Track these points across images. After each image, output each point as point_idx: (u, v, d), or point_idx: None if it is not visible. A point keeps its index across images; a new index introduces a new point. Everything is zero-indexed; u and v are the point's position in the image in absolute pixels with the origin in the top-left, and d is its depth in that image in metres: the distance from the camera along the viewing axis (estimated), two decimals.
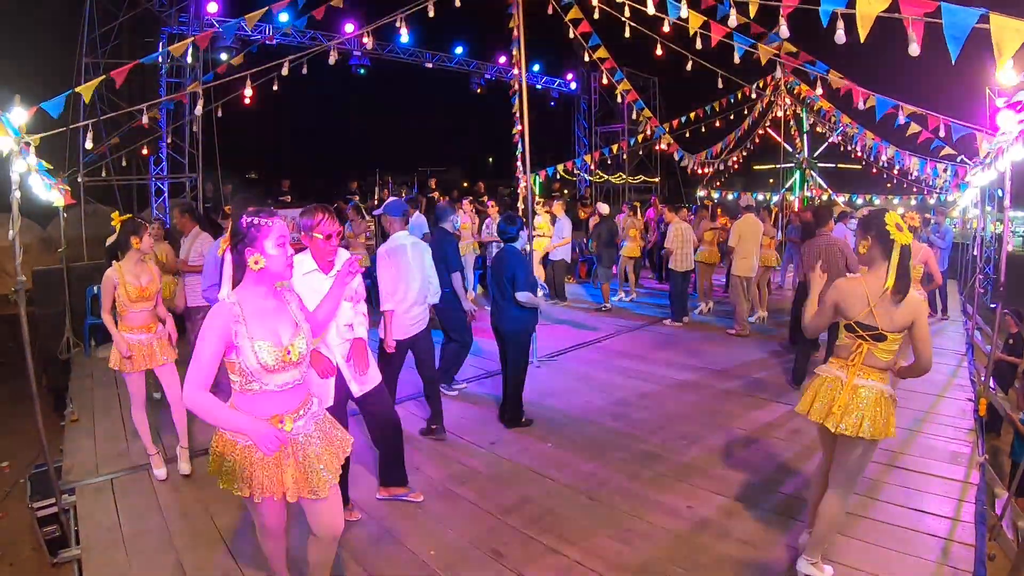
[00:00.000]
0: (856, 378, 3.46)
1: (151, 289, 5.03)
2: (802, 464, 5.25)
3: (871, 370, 3.47)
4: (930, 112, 7.07)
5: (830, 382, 3.56)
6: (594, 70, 17.63)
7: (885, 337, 3.40)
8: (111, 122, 10.34)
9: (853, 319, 3.46)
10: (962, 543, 4.00)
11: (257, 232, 2.77)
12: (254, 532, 4.22)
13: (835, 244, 6.92)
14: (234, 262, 2.81)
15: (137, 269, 4.99)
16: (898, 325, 3.38)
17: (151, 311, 5.11)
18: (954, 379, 7.55)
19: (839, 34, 4.83)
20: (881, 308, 3.38)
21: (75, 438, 6.04)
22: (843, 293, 3.52)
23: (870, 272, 3.49)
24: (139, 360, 4.98)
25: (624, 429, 6.03)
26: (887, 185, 22.61)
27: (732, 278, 9.76)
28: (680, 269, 10.41)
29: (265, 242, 2.77)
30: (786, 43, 7.34)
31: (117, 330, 4.94)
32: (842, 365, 3.55)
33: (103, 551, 4.11)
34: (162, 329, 5.19)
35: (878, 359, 3.45)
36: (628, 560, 3.91)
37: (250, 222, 2.78)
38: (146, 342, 5.03)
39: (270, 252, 2.77)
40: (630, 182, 23.28)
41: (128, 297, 4.91)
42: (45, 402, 6.55)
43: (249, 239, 2.76)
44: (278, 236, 2.80)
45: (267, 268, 2.78)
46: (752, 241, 9.58)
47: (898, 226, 3.35)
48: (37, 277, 9.39)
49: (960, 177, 10.45)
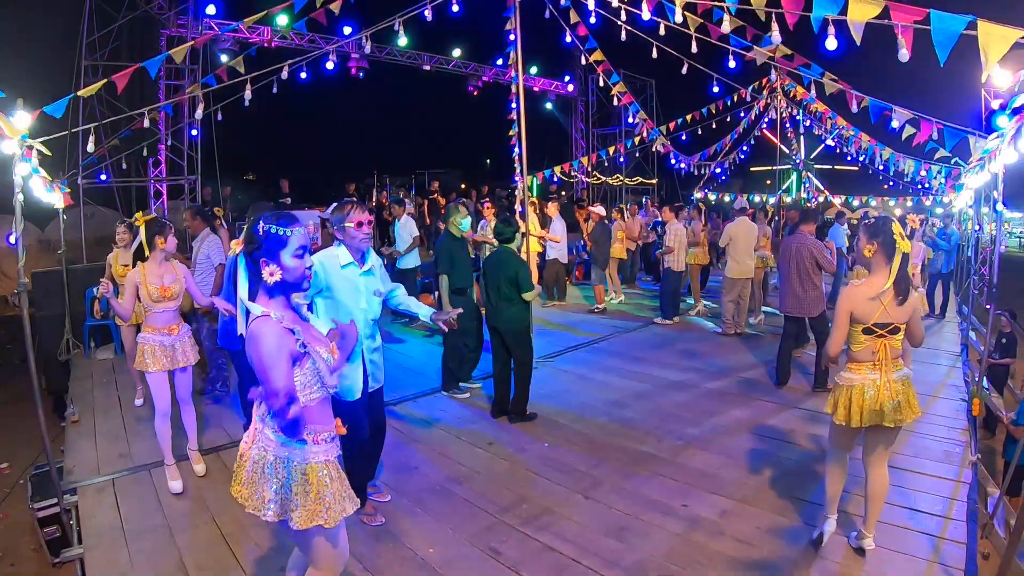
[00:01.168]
0: (890, 373, 3.69)
1: (174, 289, 4.97)
2: (795, 463, 5.29)
3: (895, 361, 3.73)
4: (923, 116, 7.12)
5: (867, 386, 3.71)
6: (591, 72, 17.71)
7: (899, 329, 3.68)
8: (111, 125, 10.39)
9: (871, 322, 3.67)
10: (954, 541, 4.04)
11: (273, 242, 2.54)
12: (255, 532, 4.30)
13: (804, 244, 7.12)
14: (249, 270, 2.59)
15: (161, 270, 4.94)
16: (905, 317, 3.68)
17: (174, 312, 5.04)
18: (948, 379, 7.60)
19: (831, 40, 4.90)
20: (890, 305, 3.64)
21: (76, 439, 6.07)
22: (854, 301, 3.72)
23: (873, 275, 3.73)
24: (162, 359, 4.90)
25: (620, 429, 6.08)
26: (883, 187, 22.73)
27: (725, 280, 9.81)
28: (677, 269, 10.48)
29: (282, 253, 2.55)
30: (781, 46, 7.39)
31: (118, 300, 5.00)
32: (871, 367, 3.73)
33: (105, 550, 4.15)
34: (185, 330, 5.14)
35: (896, 349, 3.72)
36: (624, 558, 3.95)
37: (267, 230, 2.54)
38: (168, 344, 4.95)
39: (287, 264, 2.56)
40: (627, 184, 23.35)
41: (150, 297, 4.87)
42: (45, 404, 6.59)
43: (265, 249, 2.55)
44: (297, 247, 2.58)
45: (283, 280, 2.57)
46: (746, 244, 9.60)
47: (903, 235, 3.62)
48: (36, 279, 9.43)
49: (955, 179, 10.52)
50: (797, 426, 6.08)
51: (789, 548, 4.03)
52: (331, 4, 7.17)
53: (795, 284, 7.11)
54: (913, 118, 7.35)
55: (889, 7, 4.26)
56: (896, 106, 7.46)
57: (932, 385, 7.27)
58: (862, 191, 24.18)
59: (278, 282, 2.56)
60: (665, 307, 10.75)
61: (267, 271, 2.53)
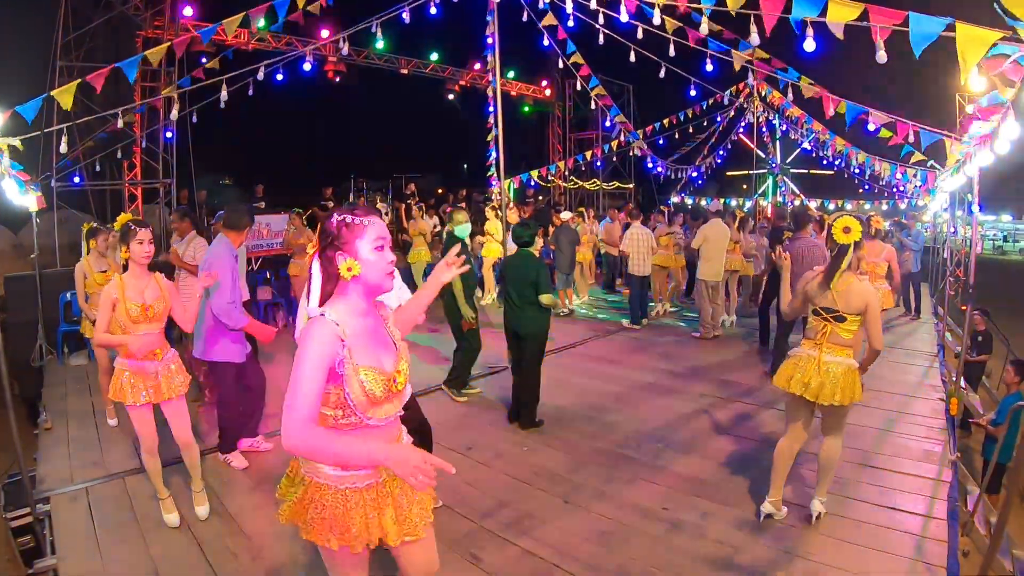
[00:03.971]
0: (825, 355, 4.09)
1: (158, 308, 4.25)
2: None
3: (837, 347, 4.10)
4: (900, 119, 7.19)
5: (804, 360, 4.17)
6: (569, 77, 17.79)
7: (844, 318, 4.04)
8: (84, 127, 10.24)
9: (820, 306, 4.13)
10: (935, 539, 4.07)
11: (350, 233, 2.30)
12: (232, 541, 4.23)
13: (815, 248, 7.30)
14: (323, 271, 2.34)
15: (141, 283, 4.23)
16: (853, 308, 4.01)
17: (158, 335, 4.31)
18: (925, 379, 7.67)
19: (809, 42, 4.93)
20: (841, 294, 4.04)
21: (49, 446, 5.95)
22: (807, 281, 4.26)
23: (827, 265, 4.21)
24: (141, 391, 4.20)
25: (599, 432, 6.06)
26: (858, 191, 22.96)
27: (697, 282, 9.82)
28: (638, 274, 10.45)
29: (359, 243, 2.30)
30: (758, 50, 7.44)
31: (116, 337, 4.19)
32: (812, 345, 4.18)
33: (79, 560, 4.06)
34: (171, 355, 4.42)
35: (838, 336, 4.08)
36: (605, 562, 3.93)
37: (341, 220, 2.31)
38: (152, 371, 4.24)
39: (366, 257, 2.31)
40: (604, 188, 23.42)
41: (129, 317, 4.13)
42: (18, 411, 6.45)
43: (341, 241, 2.30)
44: (376, 237, 2.33)
45: (362, 276, 2.31)
46: (718, 246, 9.63)
47: (846, 229, 3.99)
48: (9, 284, 9.26)
49: (930, 182, 10.64)
50: (776, 427, 6.09)
51: (769, 549, 4.03)
52: (310, 5, 7.13)
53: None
54: (890, 122, 7.41)
55: (868, 9, 4.30)
56: (872, 109, 7.53)
57: (910, 385, 7.34)
58: (838, 195, 24.40)
59: (358, 278, 2.31)
60: (633, 311, 10.71)
61: (344, 265, 2.28)
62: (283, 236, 11.15)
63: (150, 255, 4.24)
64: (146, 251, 4.20)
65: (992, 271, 19.66)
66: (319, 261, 2.34)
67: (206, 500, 4.60)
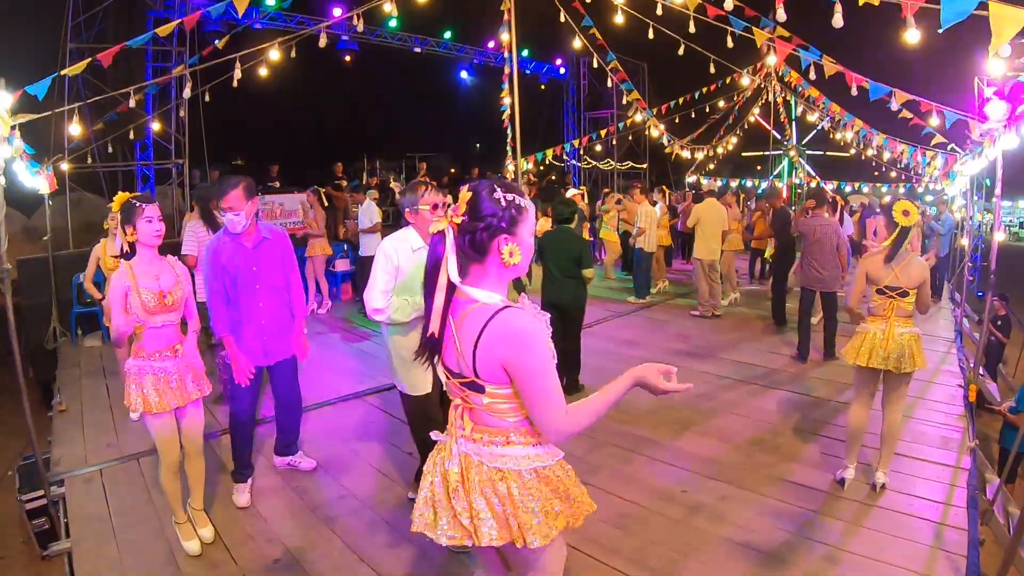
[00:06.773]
0: (896, 328, 4.38)
1: (175, 295, 3.71)
2: (793, 446, 5.27)
3: (903, 319, 4.43)
4: (923, 99, 7.06)
5: (877, 334, 4.43)
6: (584, 55, 17.61)
7: (907, 293, 4.39)
8: (96, 108, 10.21)
9: (883, 284, 4.44)
10: (955, 527, 4.02)
11: (520, 216, 2.03)
12: (245, 522, 4.22)
13: (831, 229, 7.77)
14: (467, 250, 2.03)
15: (154, 268, 3.68)
16: (914, 284, 4.38)
17: (176, 326, 3.79)
18: (943, 365, 7.59)
19: (837, 18, 4.83)
20: (901, 272, 4.38)
21: (63, 429, 5.96)
22: (869, 265, 4.54)
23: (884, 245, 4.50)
24: (165, 395, 3.67)
25: (616, 414, 5.97)
26: (874, 173, 22.70)
27: (694, 260, 10.09)
28: (649, 249, 10.89)
29: (522, 228, 2.05)
30: (779, 27, 7.33)
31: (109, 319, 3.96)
32: (882, 320, 4.45)
33: (93, 543, 4.06)
34: (191, 350, 3.92)
35: (904, 309, 4.43)
36: (623, 545, 3.90)
37: (512, 202, 2.01)
38: (172, 370, 3.72)
39: (528, 243, 2.08)
40: (618, 168, 23.26)
41: (144, 308, 3.58)
42: (32, 393, 6.47)
43: (509, 222, 2.01)
44: (531, 221, 2.10)
45: (518, 265, 2.07)
46: (713, 225, 9.88)
47: (905, 212, 4.33)
48: (22, 267, 9.28)
49: (949, 165, 10.48)
50: (790, 409, 6.07)
51: (787, 533, 3.99)
52: None
53: (816, 263, 7.71)
54: (913, 100, 7.28)
55: None
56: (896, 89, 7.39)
57: (928, 371, 7.23)
58: (854, 177, 24.13)
59: (515, 266, 2.06)
60: (638, 287, 11.21)
61: (507, 249, 2.01)
62: (298, 215, 11.17)
63: (161, 234, 3.67)
64: (156, 229, 3.63)
65: (1009, 257, 19.43)
66: (457, 238, 2.02)
67: (208, 521, 4.11)
